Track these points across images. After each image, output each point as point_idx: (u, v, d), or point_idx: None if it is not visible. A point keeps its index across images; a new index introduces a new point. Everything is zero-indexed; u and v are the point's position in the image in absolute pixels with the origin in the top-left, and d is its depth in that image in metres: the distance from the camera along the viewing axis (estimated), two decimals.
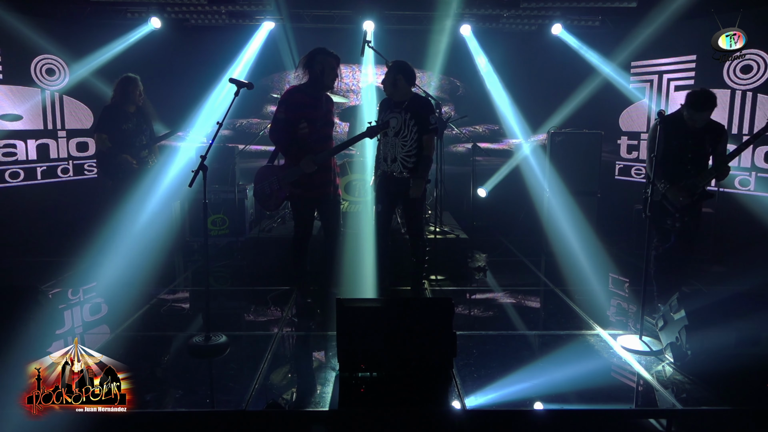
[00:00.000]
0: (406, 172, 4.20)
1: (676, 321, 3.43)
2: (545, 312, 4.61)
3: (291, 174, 3.99)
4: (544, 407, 2.93)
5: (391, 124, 4.19)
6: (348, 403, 2.97)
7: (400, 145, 4.18)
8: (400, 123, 4.17)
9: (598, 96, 7.35)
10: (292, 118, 3.95)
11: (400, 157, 4.20)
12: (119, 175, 5.14)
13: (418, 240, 4.42)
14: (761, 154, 5.90)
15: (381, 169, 4.35)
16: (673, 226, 4.04)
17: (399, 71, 4.14)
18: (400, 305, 3.35)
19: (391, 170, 4.24)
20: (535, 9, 6.86)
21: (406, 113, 4.16)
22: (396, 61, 4.28)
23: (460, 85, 8.02)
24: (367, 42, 5.55)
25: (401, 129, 4.17)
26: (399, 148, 4.19)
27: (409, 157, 4.19)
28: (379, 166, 4.40)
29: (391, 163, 4.24)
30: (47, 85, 6.83)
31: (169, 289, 4.93)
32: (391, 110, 4.24)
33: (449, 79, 8.01)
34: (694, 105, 3.79)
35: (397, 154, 4.20)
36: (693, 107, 3.80)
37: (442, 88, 7.98)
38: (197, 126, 7.31)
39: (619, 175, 7.53)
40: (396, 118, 4.19)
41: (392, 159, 4.23)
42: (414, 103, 4.19)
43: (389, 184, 4.30)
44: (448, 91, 8.05)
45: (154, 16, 7.06)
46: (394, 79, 4.15)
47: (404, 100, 4.20)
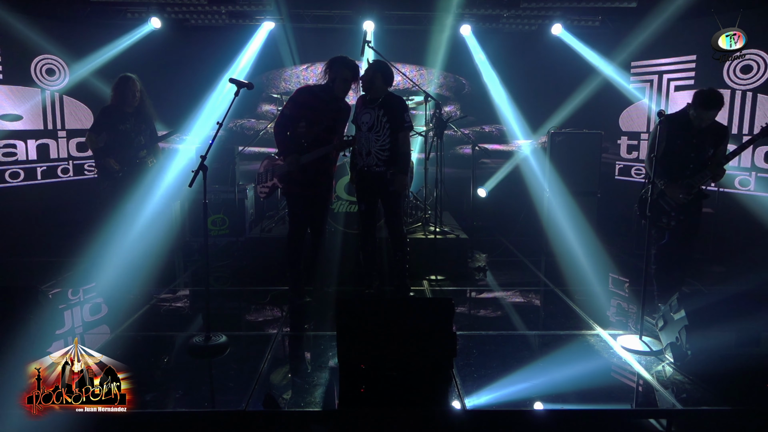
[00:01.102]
0: (382, 164, 4.34)
1: (676, 321, 3.43)
2: (545, 312, 4.61)
3: (280, 168, 4.18)
4: (544, 407, 2.93)
5: (363, 120, 4.36)
6: (348, 403, 2.97)
7: (374, 139, 4.34)
8: (373, 119, 4.32)
9: (598, 96, 7.35)
10: (295, 116, 4.12)
11: (374, 150, 4.34)
12: (106, 177, 5.04)
13: (396, 236, 4.52)
14: (761, 154, 5.90)
15: (358, 165, 4.47)
16: (668, 225, 4.06)
17: (378, 70, 4.28)
18: (401, 305, 3.35)
19: (367, 163, 4.38)
20: (535, 9, 6.86)
21: (379, 110, 4.32)
22: (377, 60, 4.48)
23: (465, 83, 7.97)
24: (367, 42, 5.55)
25: (374, 124, 4.32)
26: (373, 143, 4.34)
27: (382, 151, 4.34)
28: (355, 162, 4.53)
29: (366, 156, 4.38)
30: (47, 85, 6.83)
31: (169, 289, 4.93)
32: (365, 107, 4.39)
33: (455, 76, 7.95)
34: (703, 104, 3.83)
35: (371, 147, 4.35)
36: (702, 106, 3.84)
37: (448, 86, 7.92)
38: (197, 126, 7.31)
39: (619, 175, 7.53)
40: (369, 114, 4.33)
41: (367, 152, 4.38)
42: (387, 101, 4.35)
43: (366, 180, 4.44)
44: (453, 90, 8.01)
45: (154, 16, 7.06)
46: (372, 77, 4.27)
47: (378, 97, 4.34)
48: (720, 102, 3.86)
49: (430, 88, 7.67)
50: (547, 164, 6.51)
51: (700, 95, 3.87)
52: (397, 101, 4.38)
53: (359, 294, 4.67)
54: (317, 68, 7.81)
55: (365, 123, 4.34)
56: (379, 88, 4.30)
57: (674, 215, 4.02)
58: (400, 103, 4.37)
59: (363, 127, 4.37)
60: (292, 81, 7.80)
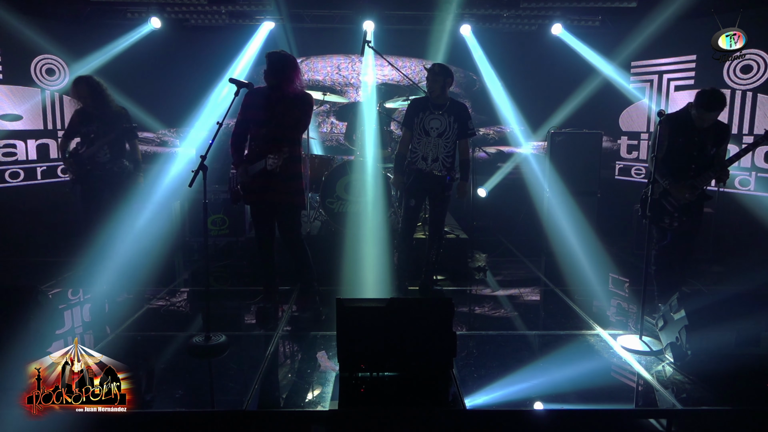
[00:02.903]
0: (444, 170, 4.46)
1: (676, 321, 3.43)
2: (545, 312, 4.61)
3: (236, 176, 4.07)
4: (544, 407, 2.93)
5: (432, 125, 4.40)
6: (348, 403, 2.96)
7: (443, 145, 4.43)
8: (445, 125, 4.40)
9: (598, 96, 7.34)
10: (243, 120, 4.00)
11: (442, 157, 4.45)
12: (73, 181, 4.78)
13: (439, 235, 4.65)
14: (761, 154, 5.90)
15: (417, 168, 4.50)
16: (670, 225, 4.04)
17: (448, 75, 4.37)
18: (400, 305, 3.34)
19: (431, 169, 4.46)
20: (535, 9, 6.86)
21: (449, 116, 4.41)
22: (441, 65, 4.47)
23: (476, 79, 7.92)
24: (367, 42, 5.54)
25: (445, 130, 4.41)
26: (441, 149, 4.43)
27: (448, 157, 4.47)
28: (412, 165, 4.54)
29: (432, 162, 4.45)
30: (47, 85, 6.83)
31: (169, 289, 4.93)
32: (430, 111, 4.43)
33: (465, 72, 7.90)
34: (705, 105, 3.80)
35: (439, 153, 4.44)
36: (704, 107, 3.81)
37: (458, 83, 7.80)
38: (197, 126, 7.32)
39: (619, 175, 7.53)
40: (439, 120, 4.40)
41: (434, 158, 4.45)
42: (455, 107, 4.45)
43: (425, 181, 4.50)
44: (464, 86, 7.96)
45: (154, 16, 7.06)
46: (443, 83, 4.36)
47: (444, 102, 4.41)
48: (722, 103, 3.83)
49: None
50: (547, 164, 6.51)
51: (702, 96, 3.82)
52: (463, 108, 4.50)
53: None
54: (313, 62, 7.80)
55: (435, 129, 4.42)
56: (447, 92, 4.41)
57: (677, 215, 4.01)
58: (466, 110, 4.50)
59: (432, 132, 4.43)
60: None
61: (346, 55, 7.85)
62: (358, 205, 5.46)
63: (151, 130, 7.59)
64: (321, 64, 7.85)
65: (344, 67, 7.84)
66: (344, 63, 7.81)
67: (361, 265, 5.00)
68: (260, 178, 3.88)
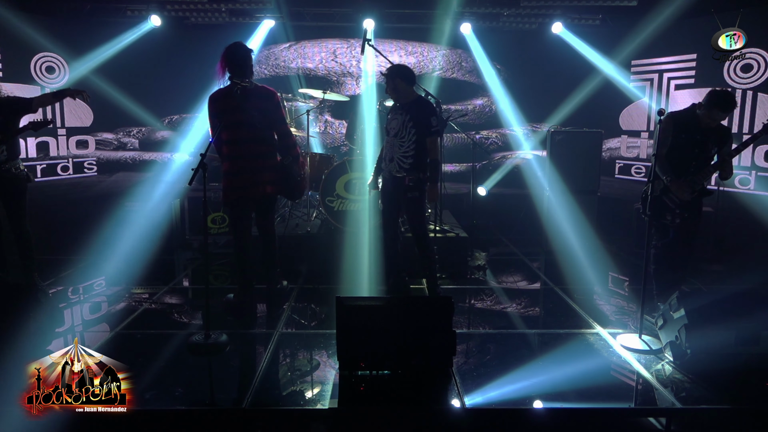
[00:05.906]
0: (403, 171, 4.25)
1: (675, 320, 3.43)
2: (545, 310, 4.61)
3: None
4: (544, 406, 2.93)
5: (391, 125, 4.29)
6: (348, 401, 2.97)
7: (398, 145, 4.25)
8: (399, 124, 4.23)
9: (598, 95, 7.35)
10: (216, 128, 3.87)
11: (397, 157, 4.26)
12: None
13: (420, 241, 4.44)
14: (761, 153, 5.90)
15: (383, 169, 4.45)
16: (672, 222, 4.05)
17: (396, 75, 4.19)
18: (400, 304, 3.35)
19: (389, 169, 4.33)
20: (535, 7, 6.86)
21: (405, 115, 4.21)
22: (391, 66, 4.32)
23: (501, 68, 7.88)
24: (367, 40, 5.53)
25: (400, 130, 4.23)
26: (397, 149, 4.26)
27: (405, 157, 4.23)
28: (380, 166, 4.50)
29: (389, 163, 4.33)
30: (47, 82, 6.82)
31: (168, 287, 4.93)
32: (394, 111, 4.34)
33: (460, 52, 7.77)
34: (721, 105, 3.82)
35: (394, 154, 4.28)
36: (720, 107, 3.82)
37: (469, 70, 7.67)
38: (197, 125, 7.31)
39: (619, 174, 7.53)
40: (397, 119, 4.27)
41: (390, 159, 4.32)
42: (414, 105, 4.24)
43: (387, 183, 4.42)
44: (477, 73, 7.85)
45: (154, 14, 7.06)
46: (393, 84, 4.21)
47: (406, 102, 4.26)
48: (735, 104, 3.95)
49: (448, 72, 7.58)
50: (547, 163, 6.51)
51: (717, 96, 3.83)
52: (424, 105, 4.25)
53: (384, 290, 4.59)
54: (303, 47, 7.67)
55: (392, 128, 4.29)
56: (405, 91, 4.23)
57: (678, 212, 4.01)
58: (426, 107, 4.23)
59: (390, 132, 4.32)
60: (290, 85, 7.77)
61: (343, 39, 7.51)
62: (358, 204, 5.45)
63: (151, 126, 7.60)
64: (314, 49, 7.46)
65: (342, 53, 7.42)
66: (343, 47, 7.43)
67: (360, 264, 5.00)
68: (246, 173, 3.91)
